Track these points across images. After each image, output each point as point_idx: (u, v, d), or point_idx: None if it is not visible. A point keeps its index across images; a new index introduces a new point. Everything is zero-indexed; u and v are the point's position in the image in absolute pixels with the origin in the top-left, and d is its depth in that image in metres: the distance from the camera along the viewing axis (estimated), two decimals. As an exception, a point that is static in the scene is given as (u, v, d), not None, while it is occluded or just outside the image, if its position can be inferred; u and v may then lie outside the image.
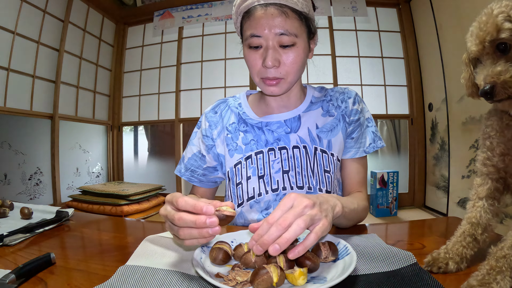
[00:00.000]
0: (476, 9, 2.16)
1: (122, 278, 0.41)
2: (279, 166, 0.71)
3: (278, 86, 0.66)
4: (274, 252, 0.36)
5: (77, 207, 2.80)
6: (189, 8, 3.40)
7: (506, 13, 0.38)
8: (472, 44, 0.41)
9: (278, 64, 0.63)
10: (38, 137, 2.77)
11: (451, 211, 2.57)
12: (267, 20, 0.61)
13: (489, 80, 0.38)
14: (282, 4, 0.61)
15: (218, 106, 0.81)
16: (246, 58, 0.67)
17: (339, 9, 3.14)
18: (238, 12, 0.67)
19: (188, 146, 0.82)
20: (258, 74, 0.66)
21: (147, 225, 0.75)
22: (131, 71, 3.67)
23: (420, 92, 3.11)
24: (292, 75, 0.66)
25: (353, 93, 0.77)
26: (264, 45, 0.63)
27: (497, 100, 0.39)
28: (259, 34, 0.62)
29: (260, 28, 0.62)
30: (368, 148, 0.74)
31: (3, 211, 0.74)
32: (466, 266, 0.43)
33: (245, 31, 0.65)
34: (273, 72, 0.64)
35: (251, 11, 0.63)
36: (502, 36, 0.38)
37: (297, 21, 0.63)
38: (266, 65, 0.63)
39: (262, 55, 0.64)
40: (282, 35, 0.61)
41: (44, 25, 2.74)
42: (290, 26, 0.62)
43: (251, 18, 0.63)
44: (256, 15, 0.62)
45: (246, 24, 0.65)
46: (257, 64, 0.65)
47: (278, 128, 0.74)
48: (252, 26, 0.63)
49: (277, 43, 0.63)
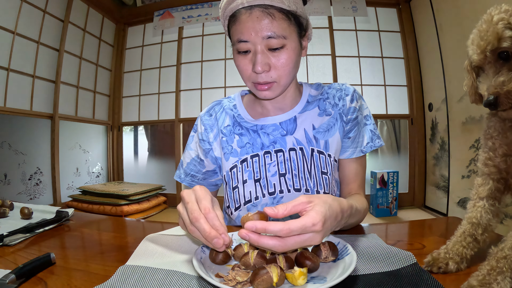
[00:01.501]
0: (476, 9, 2.16)
1: (122, 278, 0.41)
2: (276, 169, 0.70)
3: (270, 90, 0.64)
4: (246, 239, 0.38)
5: (77, 207, 2.80)
6: (189, 8, 3.40)
7: (506, 20, 0.38)
8: (474, 53, 0.41)
9: (268, 68, 0.61)
10: (38, 137, 2.77)
11: (451, 211, 2.57)
12: (253, 23, 0.58)
13: (493, 91, 0.38)
14: (267, 5, 0.58)
15: (213, 108, 0.80)
16: (236, 64, 0.65)
17: (339, 9, 3.14)
18: (224, 16, 0.65)
19: (186, 151, 0.81)
20: (249, 79, 0.64)
21: (147, 225, 0.75)
22: (131, 71, 3.67)
23: (420, 92, 3.11)
24: (285, 78, 0.64)
25: (350, 90, 0.74)
26: (253, 49, 0.61)
27: (501, 109, 0.39)
28: (246, 39, 0.60)
29: (247, 33, 0.59)
30: (365, 147, 0.72)
31: (3, 211, 0.74)
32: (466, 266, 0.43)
33: (232, 36, 0.63)
34: (264, 77, 0.62)
35: (236, 14, 0.61)
36: (503, 45, 0.38)
37: (284, 21, 0.60)
38: (256, 71, 0.61)
39: (252, 60, 0.62)
40: (269, 38, 0.59)
41: (44, 25, 2.74)
42: (278, 28, 0.59)
43: (236, 23, 0.61)
44: (241, 19, 0.60)
45: (232, 28, 0.63)
46: (247, 69, 0.63)
47: (273, 131, 0.72)
48: (238, 31, 0.60)
49: (265, 46, 0.60)
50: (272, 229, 0.37)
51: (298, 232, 0.37)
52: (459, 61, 2.42)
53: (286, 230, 0.36)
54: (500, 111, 0.40)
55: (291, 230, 0.37)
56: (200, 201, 0.43)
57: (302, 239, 0.38)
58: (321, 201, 0.41)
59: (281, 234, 0.37)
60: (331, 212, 0.41)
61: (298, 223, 0.37)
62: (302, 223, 0.37)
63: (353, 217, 0.53)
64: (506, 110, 0.39)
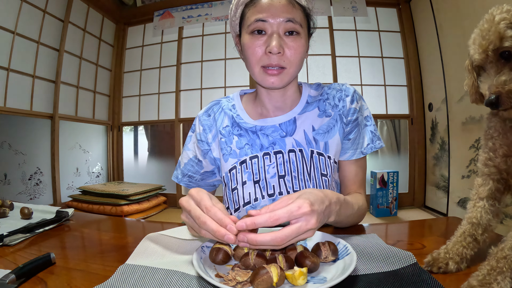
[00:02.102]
0: (476, 9, 2.16)
1: (122, 278, 0.41)
2: (275, 171, 0.69)
3: (279, 77, 0.64)
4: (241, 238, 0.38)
5: (77, 207, 2.80)
6: (189, 8, 3.40)
7: (508, 20, 0.38)
8: (475, 53, 0.41)
9: (283, 51, 0.62)
10: (38, 137, 2.77)
11: (451, 211, 2.57)
12: (275, 5, 0.61)
13: (494, 90, 0.38)
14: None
15: (211, 108, 0.79)
16: (247, 46, 0.64)
17: (339, 9, 3.14)
18: (239, 3, 0.67)
19: (184, 151, 0.80)
20: (259, 62, 0.64)
21: (147, 225, 0.75)
22: (131, 71, 3.67)
23: (420, 92, 3.11)
24: (294, 66, 0.65)
25: (350, 90, 0.73)
26: (269, 31, 0.62)
27: (503, 109, 0.39)
28: (265, 19, 0.61)
29: (267, 13, 0.61)
30: (365, 149, 0.72)
31: (3, 211, 0.74)
32: (466, 266, 0.43)
33: (248, 18, 0.64)
34: (276, 59, 0.62)
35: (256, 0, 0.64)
36: (505, 44, 0.38)
37: (301, 13, 0.64)
38: (272, 50, 0.61)
39: (266, 42, 0.62)
40: (288, 22, 0.61)
41: (44, 25, 2.74)
42: (296, 15, 0.62)
43: (257, 5, 0.63)
44: (263, 2, 0.63)
45: (249, 12, 0.64)
46: (259, 52, 0.63)
47: (273, 132, 0.71)
48: (258, 11, 0.62)
49: (282, 30, 0.62)
50: (260, 220, 0.38)
51: (285, 218, 0.39)
52: (459, 61, 2.42)
53: (273, 217, 0.38)
54: (501, 110, 0.40)
55: (278, 216, 0.38)
56: (199, 203, 0.43)
57: (297, 226, 0.39)
58: (302, 193, 0.44)
59: (269, 222, 0.38)
60: (314, 197, 0.43)
61: (283, 209, 0.39)
62: (287, 208, 0.39)
63: (346, 208, 0.53)
64: (507, 109, 0.39)
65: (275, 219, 0.38)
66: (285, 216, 0.39)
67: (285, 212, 0.39)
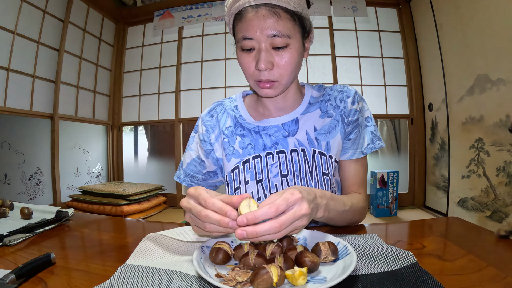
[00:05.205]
0: (476, 9, 2.16)
1: (122, 278, 0.41)
2: (278, 170, 0.70)
3: (272, 89, 0.65)
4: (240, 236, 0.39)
5: (77, 207, 2.80)
6: (189, 8, 3.40)
7: None
8: None
9: (272, 66, 0.62)
10: (38, 137, 2.77)
11: (451, 211, 2.57)
12: (259, 21, 0.59)
13: None
14: (274, 4, 0.59)
15: (214, 109, 0.80)
16: (239, 61, 0.66)
17: (339, 9, 3.14)
18: (229, 13, 0.66)
19: (187, 151, 0.81)
20: (252, 77, 0.65)
21: (147, 225, 0.75)
22: (131, 71, 3.67)
23: (420, 92, 3.11)
24: (287, 77, 0.64)
25: (352, 92, 0.74)
26: (257, 47, 0.62)
27: None
28: (251, 37, 0.61)
29: (252, 30, 0.60)
30: (366, 149, 0.73)
31: (3, 211, 0.74)
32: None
33: (237, 33, 0.64)
34: (266, 75, 0.62)
35: (242, 12, 0.62)
36: None
37: (289, 21, 0.61)
38: (259, 68, 0.61)
39: (255, 58, 0.62)
40: (274, 37, 0.60)
41: (44, 25, 2.74)
42: (283, 27, 0.60)
43: (242, 20, 0.62)
44: (247, 17, 0.61)
45: (237, 26, 0.64)
46: (251, 67, 0.64)
47: (275, 132, 0.72)
48: (244, 28, 0.61)
49: (269, 45, 0.61)
50: (261, 213, 0.39)
51: (283, 205, 0.40)
52: (459, 61, 2.42)
53: (272, 206, 0.40)
54: None
55: (277, 204, 0.40)
56: (198, 199, 0.44)
57: (292, 212, 0.41)
58: (288, 187, 0.45)
59: (270, 213, 0.39)
60: (300, 188, 0.45)
61: (279, 198, 0.41)
62: (283, 196, 0.41)
63: (335, 204, 0.55)
64: None
65: (275, 208, 0.40)
66: (283, 203, 0.40)
67: (282, 200, 0.41)
